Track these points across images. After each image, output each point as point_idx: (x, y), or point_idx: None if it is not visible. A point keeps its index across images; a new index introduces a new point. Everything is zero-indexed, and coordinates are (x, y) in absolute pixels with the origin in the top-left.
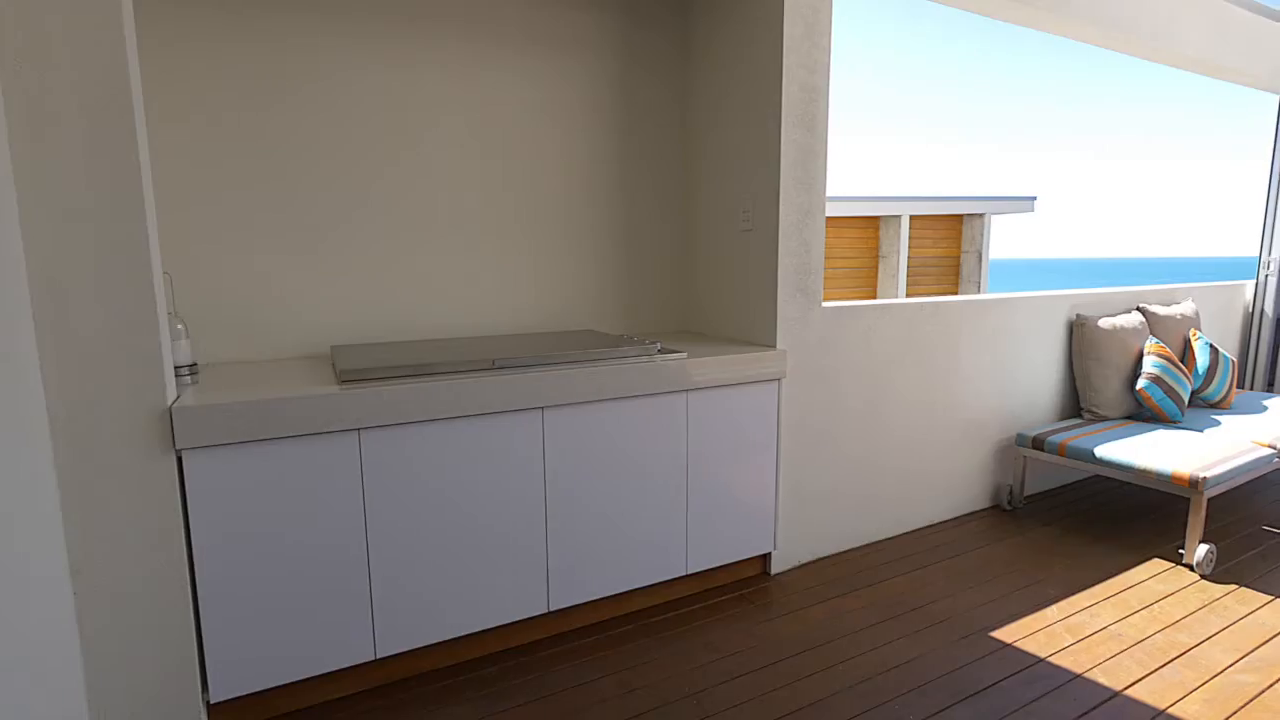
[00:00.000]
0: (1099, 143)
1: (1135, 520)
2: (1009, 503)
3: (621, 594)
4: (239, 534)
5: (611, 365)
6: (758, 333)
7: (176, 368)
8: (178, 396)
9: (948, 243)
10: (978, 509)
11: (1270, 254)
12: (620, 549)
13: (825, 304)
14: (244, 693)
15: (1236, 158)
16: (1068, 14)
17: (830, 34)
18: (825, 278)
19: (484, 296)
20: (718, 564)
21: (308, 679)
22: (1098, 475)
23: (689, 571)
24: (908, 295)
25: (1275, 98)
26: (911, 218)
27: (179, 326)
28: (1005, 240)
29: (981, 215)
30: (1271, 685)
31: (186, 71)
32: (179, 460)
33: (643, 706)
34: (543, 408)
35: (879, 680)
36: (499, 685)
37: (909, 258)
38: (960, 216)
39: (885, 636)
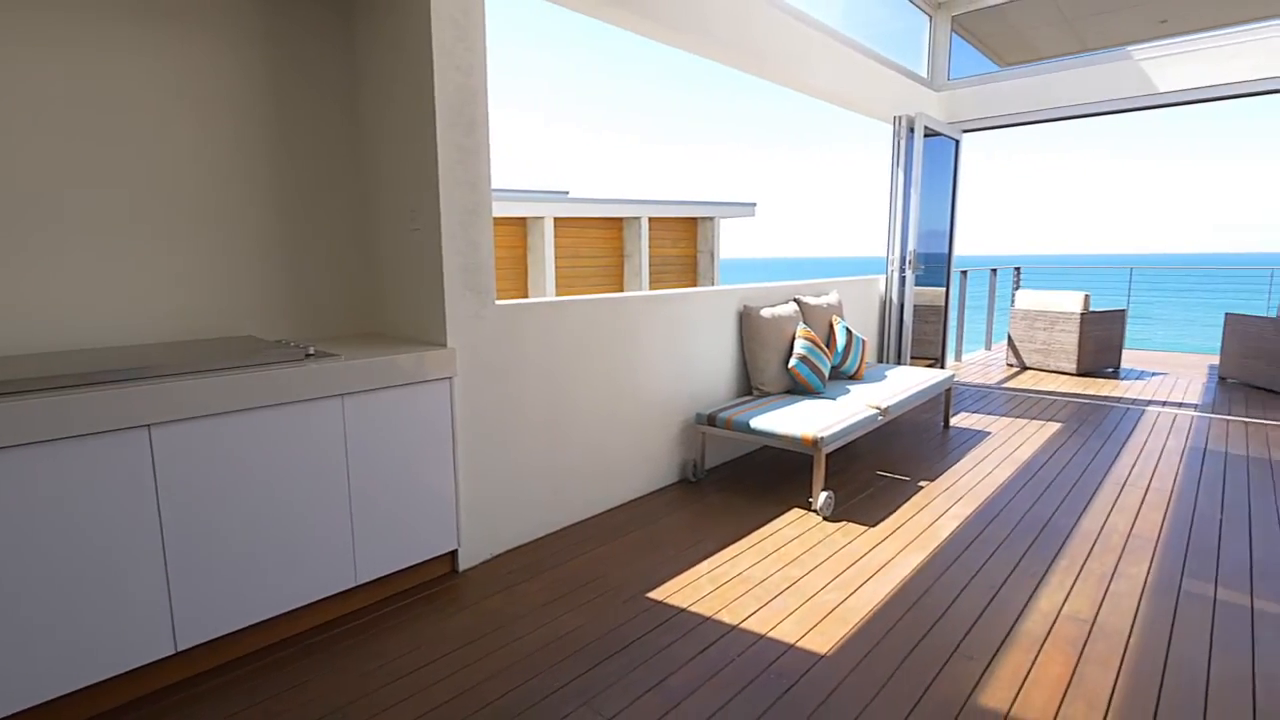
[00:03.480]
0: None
1: (788, 479)
2: (693, 475)
3: (281, 616)
4: None
5: (245, 373)
6: (431, 332)
7: None
8: None
9: (684, 243)
10: (667, 484)
11: (894, 253)
12: (269, 570)
13: (499, 302)
14: None
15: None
16: (708, 38)
17: (484, 37)
18: (575, 275)
19: (113, 302)
20: (396, 569)
21: None
22: (765, 445)
23: (361, 581)
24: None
25: (889, 128)
26: (651, 219)
27: None
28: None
29: (712, 218)
30: (846, 599)
31: None
32: None
33: None
34: (149, 425)
35: (539, 654)
36: None
37: (650, 257)
38: (694, 219)
39: (555, 613)
